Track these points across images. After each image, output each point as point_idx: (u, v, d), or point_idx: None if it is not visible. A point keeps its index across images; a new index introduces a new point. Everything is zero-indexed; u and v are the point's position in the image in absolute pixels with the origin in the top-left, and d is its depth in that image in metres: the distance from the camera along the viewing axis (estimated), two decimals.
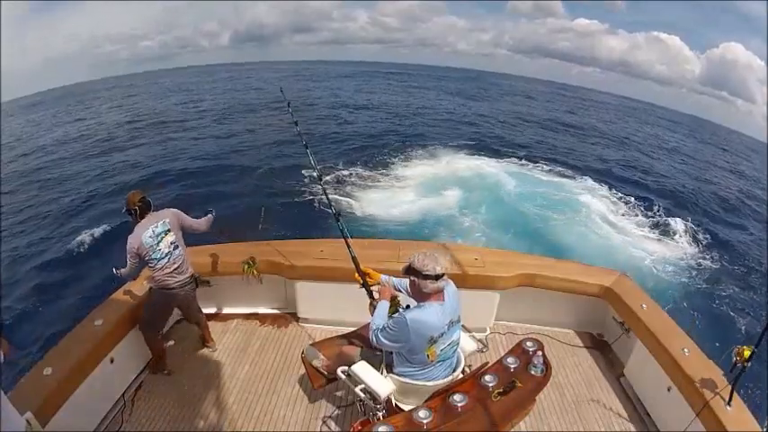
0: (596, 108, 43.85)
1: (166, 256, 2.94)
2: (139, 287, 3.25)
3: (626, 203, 13.23)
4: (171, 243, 2.96)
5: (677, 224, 11.83)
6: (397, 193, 11.96)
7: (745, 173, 23.00)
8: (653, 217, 12.38)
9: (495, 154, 16.92)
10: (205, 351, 3.44)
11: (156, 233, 2.91)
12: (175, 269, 2.99)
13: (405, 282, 2.42)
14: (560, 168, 15.89)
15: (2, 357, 1.77)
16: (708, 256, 10.16)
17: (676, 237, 11.23)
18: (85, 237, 9.13)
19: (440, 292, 2.09)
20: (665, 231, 11.46)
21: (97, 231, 9.26)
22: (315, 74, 53.60)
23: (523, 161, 16.43)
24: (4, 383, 1.80)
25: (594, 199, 13.09)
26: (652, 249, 10.07)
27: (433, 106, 29.81)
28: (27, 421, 1.93)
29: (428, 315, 2.05)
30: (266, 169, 13.54)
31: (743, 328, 7.42)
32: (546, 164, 16.23)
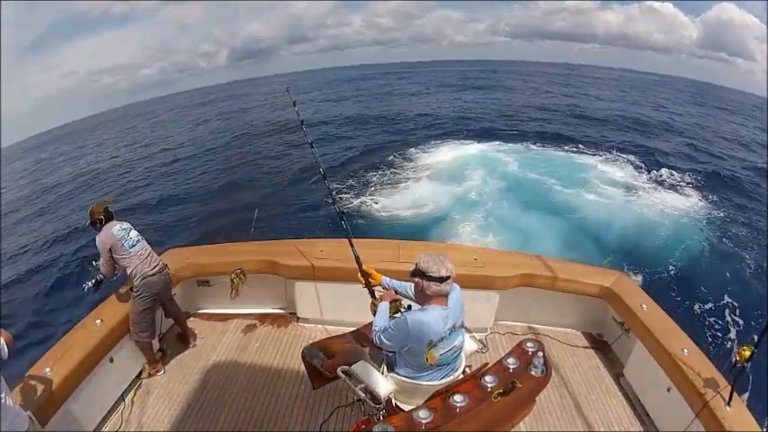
0: (602, 85, 43.71)
1: (138, 242, 3.12)
2: None
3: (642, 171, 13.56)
4: (137, 235, 3.16)
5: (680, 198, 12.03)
6: (402, 192, 11.99)
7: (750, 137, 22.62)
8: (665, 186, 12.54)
9: (504, 144, 17.17)
10: (204, 351, 3.44)
11: (123, 227, 3.12)
12: (149, 254, 3.16)
13: (405, 285, 2.43)
14: (568, 147, 16.23)
15: (5, 349, 1.78)
16: (708, 257, 10.17)
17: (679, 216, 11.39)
18: (86, 237, 9.14)
19: (443, 295, 2.07)
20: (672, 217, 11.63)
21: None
22: (316, 81, 53.44)
23: (531, 146, 16.75)
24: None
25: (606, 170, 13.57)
26: (651, 248, 10.09)
27: (436, 102, 29.89)
28: (30, 418, 1.93)
29: (429, 318, 2.04)
30: (271, 170, 13.58)
31: (743, 328, 7.41)
32: (551, 145, 16.62)
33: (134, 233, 3.15)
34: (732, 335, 7.02)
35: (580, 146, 16.53)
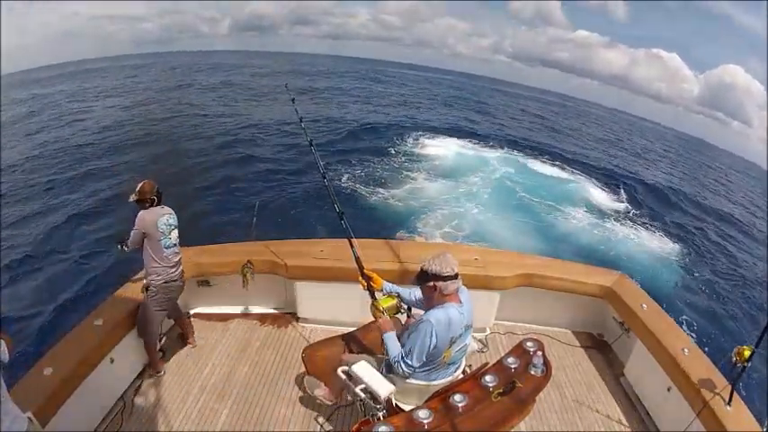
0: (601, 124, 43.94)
1: (173, 245, 3.04)
2: (139, 288, 3.24)
3: (625, 205, 13.51)
4: (176, 237, 3.07)
5: (674, 226, 12.12)
6: (404, 191, 12.03)
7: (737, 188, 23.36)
8: (650, 219, 12.60)
9: (499, 150, 17.46)
10: (204, 351, 3.44)
11: (170, 223, 3.01)
12: (177, 261, 3.11)
13: (408, 290, 2.42)
14: (558, 164, 16.44)
15: (6, 353, 1.77)
16: (708, 257, 10.18)
17: (675, 237, 11.41)
18: (86, 237, 9.13)
19: (457, 293, 2.11)
20: (664, 230, 11.65)
21: (98, 232, 9.27)
22: (316, 69, 53.17)
23: (525, 156, 17.04)
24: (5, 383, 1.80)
25: (594, 195, 13.71)
26: (651, 247, 10.11)
27: (439, 103, 30.08)
28: (29, 418, 1.93)
29: (452, 314, 2.06)
30: (269, 168, 13.55)
31: (743, 328, 7.42)
32: (547, 159, 16.82)
33: (175, 234, 3.04)
34: (732, 335, 7.03)
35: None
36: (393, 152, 15.55)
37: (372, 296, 2.50)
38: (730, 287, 9.19)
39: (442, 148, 16.70)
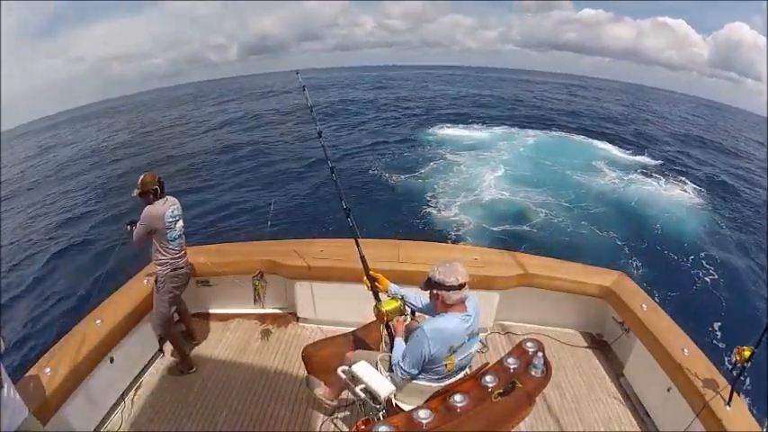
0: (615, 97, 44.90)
1: (179, 237, 3.06)
2: (139, 288, 3.25)
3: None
4: (181, 227, 3.08)
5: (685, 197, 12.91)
6: (406, 191, 12.07)
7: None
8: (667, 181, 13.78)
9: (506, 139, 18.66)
10: (204, 351, 3.44)
11: (174, 215, 3.02)
12: (183, 252, 3.13)
13: (414, 295, 2.42)
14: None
15: (2, 342, 1.79)
16: (707, 257, 10.18)
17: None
18: (87, 237, 9.13)
19: (463, 302, 2.08)
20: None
21: (98, 231, 9.27)
22: (325, 80, 53.65)
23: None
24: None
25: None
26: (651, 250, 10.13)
27: (445, 99, 30.51)
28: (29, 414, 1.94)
29: (448, 323, 2.05)
30: (279, 168, 13.63)
31: (743, 328, 7.41)
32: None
33: (180, 224, 3.06)
34: (732, 335, 7.02)
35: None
36: (410, 142, 16.36)
37: (376, 297, 2.48)
38: (732, 284, 9.26)
39: (464, 132, 18.65)
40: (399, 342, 2.28)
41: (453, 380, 2.18)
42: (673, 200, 12.51)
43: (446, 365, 2.09)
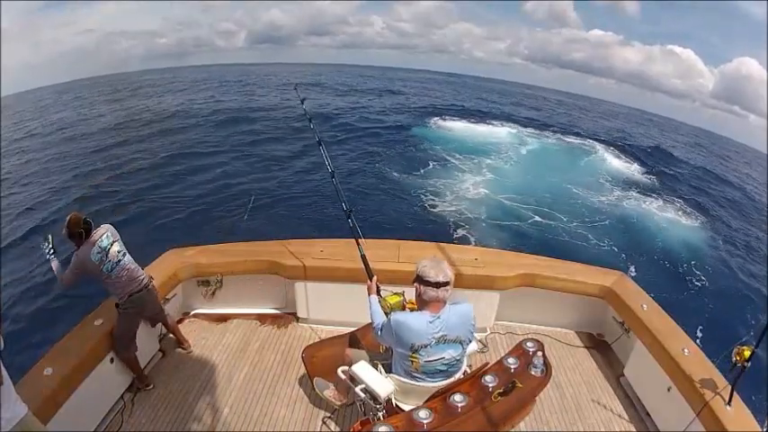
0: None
1: (117, 263, 2.86)
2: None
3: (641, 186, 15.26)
4: (118, 252, 2.88)
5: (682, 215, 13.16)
6: (406, 191, 12.11)
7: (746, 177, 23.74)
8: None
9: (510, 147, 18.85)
10: (204, 351, 3.43)
11: (103, 247, 2.81)
12: (129, 274, 2.91)
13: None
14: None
15: (1, 344, 1.79)
16: (708, 257, 10.19)
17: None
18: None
19: (439, 302, 2.02)
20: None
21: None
22: (331, 77, 53.60)
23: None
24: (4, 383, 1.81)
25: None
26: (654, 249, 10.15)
27: (447, 101, 30.80)
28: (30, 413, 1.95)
29: (411, 320, 2.02)
30: (278, 170, 13.63)
31: (743, 328, 7.41)
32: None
33: (114, 250, 2.85)
34: (732, 335, 7.02)
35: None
36: (411, 142, 16.61)
37: (378, 292, 2.53)
38: (733, 284, 9.26)
39: (467, 133, 19.24)
40: (375, 302, 2.39)
41: (435, 384, 2.12)
42: (667, 217, 12.86)
43: (412, 362, 2.05)
